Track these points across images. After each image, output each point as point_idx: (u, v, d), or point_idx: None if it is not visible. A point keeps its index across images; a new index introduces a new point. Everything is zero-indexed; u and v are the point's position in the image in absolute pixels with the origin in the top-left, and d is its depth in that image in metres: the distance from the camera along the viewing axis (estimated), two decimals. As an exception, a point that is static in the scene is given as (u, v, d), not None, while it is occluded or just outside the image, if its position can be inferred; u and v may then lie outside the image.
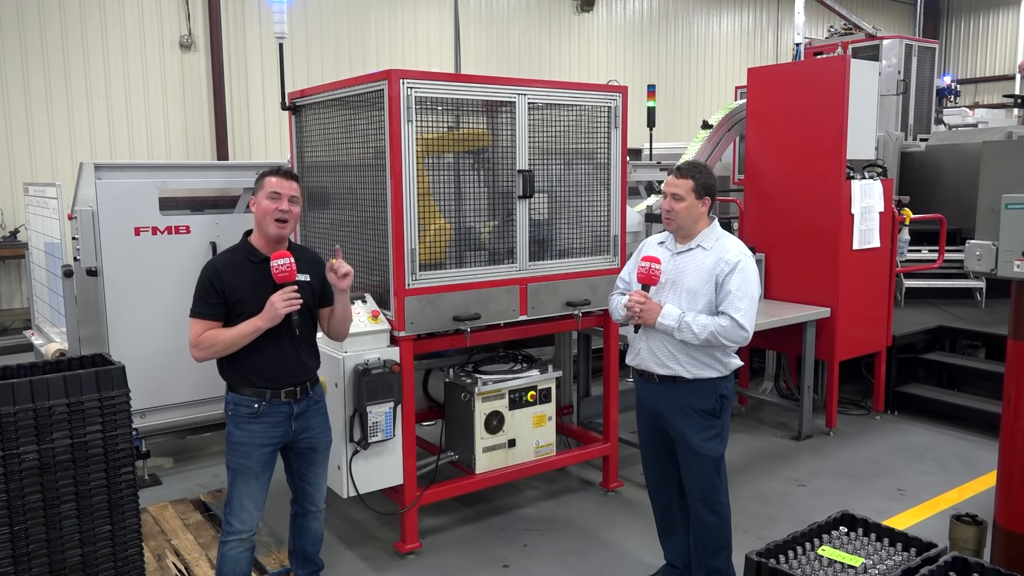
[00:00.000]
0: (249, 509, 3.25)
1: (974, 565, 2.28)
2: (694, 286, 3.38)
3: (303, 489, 3.46)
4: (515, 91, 4.17)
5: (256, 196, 3.22)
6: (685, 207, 3.40)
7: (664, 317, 3.35)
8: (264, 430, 3.22)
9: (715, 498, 3.47)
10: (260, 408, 3.20)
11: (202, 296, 3.16)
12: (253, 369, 3.19)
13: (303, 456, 3.40)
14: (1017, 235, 3.29)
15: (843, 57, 6.03)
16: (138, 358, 4.72)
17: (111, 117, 10.07)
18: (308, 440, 3.37)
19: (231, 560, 3.26)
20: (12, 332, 9.00)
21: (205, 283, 3.16)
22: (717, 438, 3.45)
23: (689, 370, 3.39)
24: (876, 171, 6.10)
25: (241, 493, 3.23)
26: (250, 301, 3.15)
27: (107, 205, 4.88)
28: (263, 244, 3.24)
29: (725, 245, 3.42)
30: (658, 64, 15.39)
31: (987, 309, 7.42)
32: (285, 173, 3.23)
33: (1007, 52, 19.14)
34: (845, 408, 6.45)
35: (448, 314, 4.08)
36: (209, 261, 3.26)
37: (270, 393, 3.21)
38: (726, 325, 3.28)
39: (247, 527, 3.26)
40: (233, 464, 3.23)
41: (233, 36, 10.85)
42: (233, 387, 3.25)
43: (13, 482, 3.07)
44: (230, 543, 3.26)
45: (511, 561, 4.16)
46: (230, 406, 3.25)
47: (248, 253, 3.23)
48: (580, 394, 5.75)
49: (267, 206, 3.16)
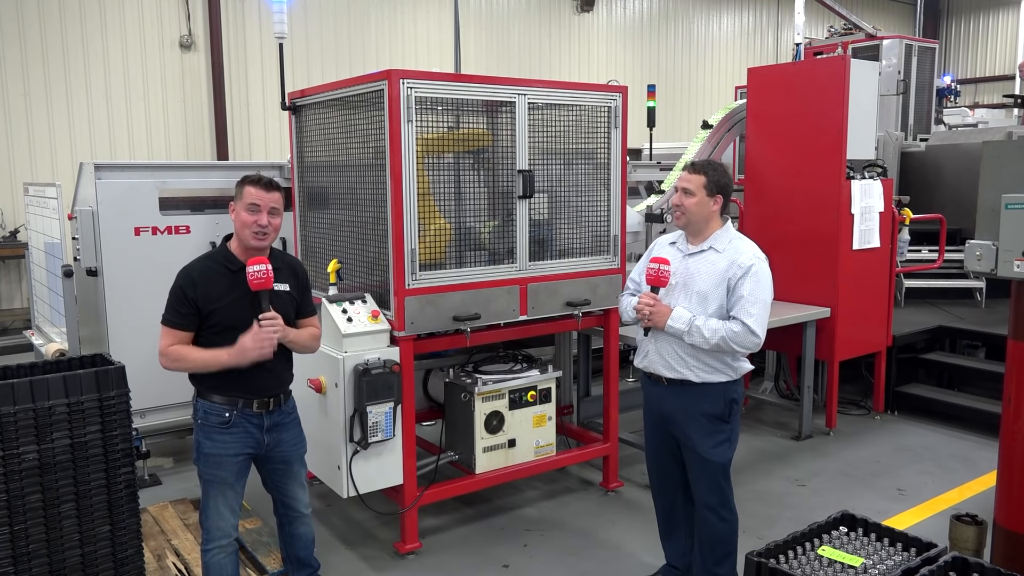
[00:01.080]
0: (227, 517, 3.20)
1: (974, 565, 2.28)
2: (705, 289, 3.33)
3: (283, 502, 3.42)
4: (515, 91, 4.17)
5: (235, 204, 3.12)
6: (695, 203, 3.35)
7: (674, 320, 3.31)
8: (235, 439, 3.16)
9: (723, 503, 3.43)
10: (231, 417, 3.14)
11: (173, 304, 3.08)
12: (225, 378, 3.12)
13: (278, 471, 3.35)
14: (1017, 235, 3.29)
15: (843, 57, 6.03)
16: (138, 358, 4.70)
17: (111, 117, 10.07)
18: (281, 453, 3.31)
19: (216, 567, 3.22)
20: (12, 332, 9.01)
21: (177, 291, 3.08)
22: (725, 443, 3.41)
23: (698, 374, 3.36)
24: (876, 171, 6.10)
25: (217, 503, 3.17)
26: (226, 311, 3.08)
27: (107, 205, 4.88)
28: (242, 251, 3.15)
29: (738, 248, 3.35)
30: (658, 64, 15.39)
31: (987, 309, 7.42)
32: (266, 184, 3.12)
33: (1007, 52, 19.15)
34: (845, 408, 6.45)
35: (448, 314, 4.08)
36: (185, 268, 3.15)
37: (242, 403, 3.14)
38: (738, 331, 3.23)
39: (226, 534, 3.21)
40: (206, 475, 3.17)
41: (233, 36, 10.85)
42: (203, 394, 3.17)
43: (13, 482, 3.07)
44: (211, 551, 3.21)
45: (511, 561, 4.16)
46: (199, 414, 3.17)
47: (226, 260, 3.15)
48: (580, 394, 5.74)
49: (246, 219, 3.08)
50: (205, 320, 3.08)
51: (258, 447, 3.22)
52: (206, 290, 3.08)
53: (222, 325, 3.08)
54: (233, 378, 3.12)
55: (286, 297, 3.22)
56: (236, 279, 3.10)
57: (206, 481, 3.18)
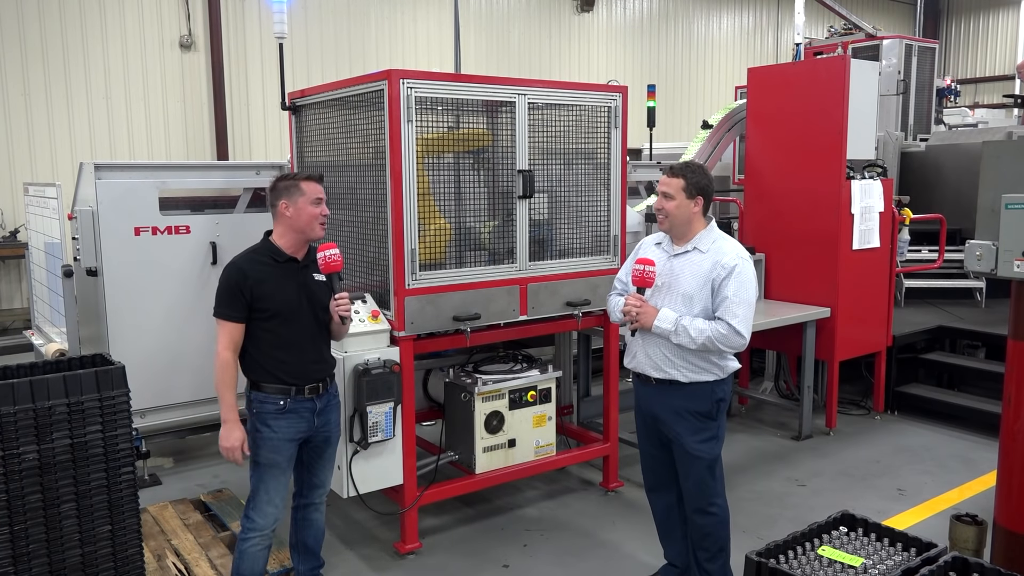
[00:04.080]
0: (276, 504, 3.32)
1: (974, 565, 2.28)
2: (689, 291, 3.36)
3: (310, 481, 3.52)
4: (515, 91, 4.17)
5: (290, 200, 3.26)
6: (675, 206, 3.38)
7: (661, 321, 3.33)
8: (291, 424, 3.28)
9: (710, 500, 3.46)
10: (286, 404, 3.26)
11: (227, 299, 3.22)
12: (280, 366, 3.25)
13: (317, 449, 3.46)
14: (1017, 235, 3.29)
15: (843, 57, 6.03)
16: (138, 358, 4.72)
17: (111, 117, 10.07)
18: (325, 433, 3.45)
19: (250, 557, 3.31)
20: (12, 332, 9.00)
21: (231, 286, 3.21)
22: (712, 439, 3.44)
23: (685, 374, 3.38)
24: (876, 171, 6.10)
25: (268, 488, 3.29)
26: (275, 299, 3.24)
27: (107, 205, 4.88)
28: (290, 245, 3.31)
29: (722, 248, 3.37)
30: (658, 64, 15.39)
31: (987, 309, 7.42)
32: (318, 177, 3.36)
33: (1007, 52, 19.14)
34: (845, 408, 6.46)
35: (448, 314, 4.08)
36: (233, 261, 3.30)
37: (295, 390, 3.27)
38: (724, 332, 3.26)
39: (270, 523, 3.32)
40: (263, 460, 3.27)
41: (233, 36, 10.85)
42: (257, 385, 3.29)
43: (13, 482, 3.07)
44: (251, 540, 3.30)
45: (511, 561, 4.16)
46: (255, 404, 3.29)
47: (272, 254, 3.29)
48: (580, 394, 5.74)
49: (313, 211, 3.27)
50: (253, 308, 3.21)
51: (310, 430, 3.36)
52: (257, 279, 3.22)
53: (270, 312, 3.23)
54: (286, 368, 3.26)
55: (324, 286, 3.38)
56: (283, 270, 3.29)
57: (262, 466, 3.28)
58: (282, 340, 3.25)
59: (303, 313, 3.30)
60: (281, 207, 3.28)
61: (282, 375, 3.26)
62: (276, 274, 3.26)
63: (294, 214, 3.26)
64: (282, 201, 3.28)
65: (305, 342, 3.31)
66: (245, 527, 3.32)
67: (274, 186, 3.34)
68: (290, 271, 3.29)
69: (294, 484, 3.53)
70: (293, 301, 3.27)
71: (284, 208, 3.28)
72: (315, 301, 3.34)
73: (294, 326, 3.27)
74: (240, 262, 3.28)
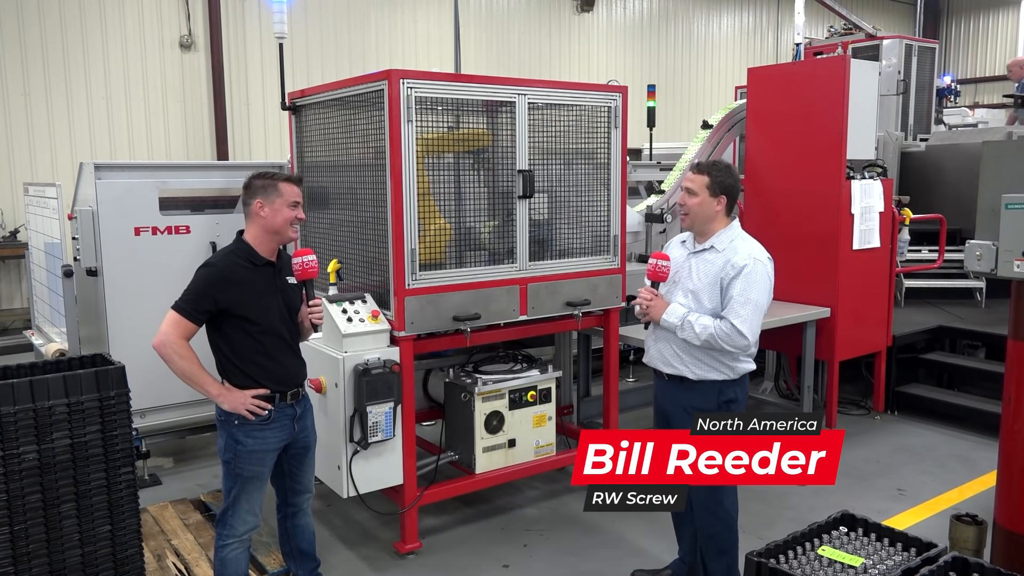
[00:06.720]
0: (256, 512, 3.29)
1: (974, 565, 2.28)
2: (698, 287, 3.38)
3: (294, 488, 3.48)
4: (515, 91, 4.17)
5: (266, 200, 3.17)
6: (698, 203, 3.38)
7: (669, 315, 3.37)
8: (275, 434, 3.24)
9: (716, 501, 3.44)
10: (271, 414, 3.20)
11: (195, 298, 3.08)
12: (264, 374, 3.20)
13: (297, 456, 3.42)
14: (1017, 235, 3.29)
15: (843, 57, 6.03)
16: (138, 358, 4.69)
17: (111, 117, 10.07)
18: (304, 439, 3.41)
19: (232, 562, 3.28)
20: (12, 332, 9.00)
21: (204, 288, 3.09)
22: None
23: (693, 371, 3.39)
24: (876, 171, 6.10)
25: (251, 498, 3.25)
26: (250, 306, 3.15)
27: (107, 205, 4.88)
28: (264, 247, 3.22)
29: (737, 248, 3.36)
30: (658, 64, 15.39)
31: (987, 309, 7.42)
32: (297, 180, 3.30)
33: (1007, 52, 19.11)
34: (845, 408, 6.45)
35: (448, 314, 4.08)
36: (213, 264, 3.18)
37: (278, 397, 3.23)
38: (726, 331, 3.27)
39: (248, 530, 3.29)
40: (246, 472, 3.21)
41: (233, 36, 10.85)
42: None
43: (13, 482, 3.07)
44: (231, 545, 3.26)
45: (511, 561, 4.16)
46: (237, 415, 3.17)
47: (249, 256, 3.20)
48: (580, 394, 5.74)
49: (288, 214, 3.19)
50: (228, 312, 3.12)
51: (290, 437, 3.33)
52: (237, 284, 3.13)
53: (250, 318, 3.16)
54: (268, 374, 3.20)
55: (297, 289, 3.34)
56: (262, 274, 3.21)
57: (245, 478, 3.22)
58: (264, 346, 3.18)
59: (283, 318, 3.25)
60: (255, 206, 3.18)
61: (266, 381, 3.19)
62: (255, 279, 3.19)
63: (269, 215, 3.17)
64: (257, 200, 3.18)
65: (284, 347, 3.26)
66: (223, 535, 3.26)
67: (249, 184, 3.23)
68: (268, 275, 3.22)
69: (276, 495, 3.51)
70: (273, 307, 3.22)
71: (259, 208, 3.17)
72: (291, 306, 3.30)
73: (274, 331, 3.21)
74: (221, 265, 3.16)
